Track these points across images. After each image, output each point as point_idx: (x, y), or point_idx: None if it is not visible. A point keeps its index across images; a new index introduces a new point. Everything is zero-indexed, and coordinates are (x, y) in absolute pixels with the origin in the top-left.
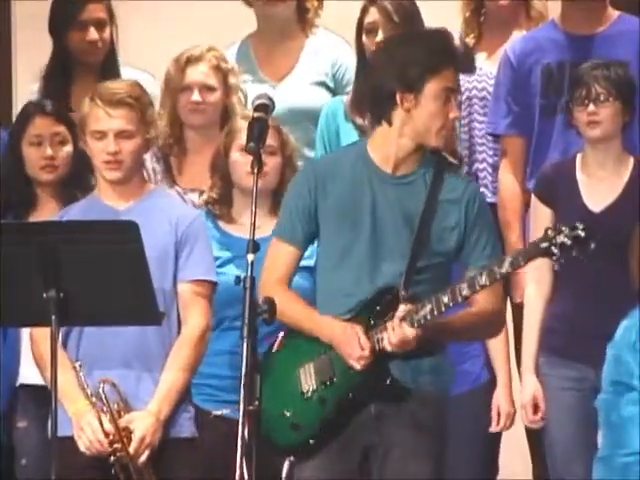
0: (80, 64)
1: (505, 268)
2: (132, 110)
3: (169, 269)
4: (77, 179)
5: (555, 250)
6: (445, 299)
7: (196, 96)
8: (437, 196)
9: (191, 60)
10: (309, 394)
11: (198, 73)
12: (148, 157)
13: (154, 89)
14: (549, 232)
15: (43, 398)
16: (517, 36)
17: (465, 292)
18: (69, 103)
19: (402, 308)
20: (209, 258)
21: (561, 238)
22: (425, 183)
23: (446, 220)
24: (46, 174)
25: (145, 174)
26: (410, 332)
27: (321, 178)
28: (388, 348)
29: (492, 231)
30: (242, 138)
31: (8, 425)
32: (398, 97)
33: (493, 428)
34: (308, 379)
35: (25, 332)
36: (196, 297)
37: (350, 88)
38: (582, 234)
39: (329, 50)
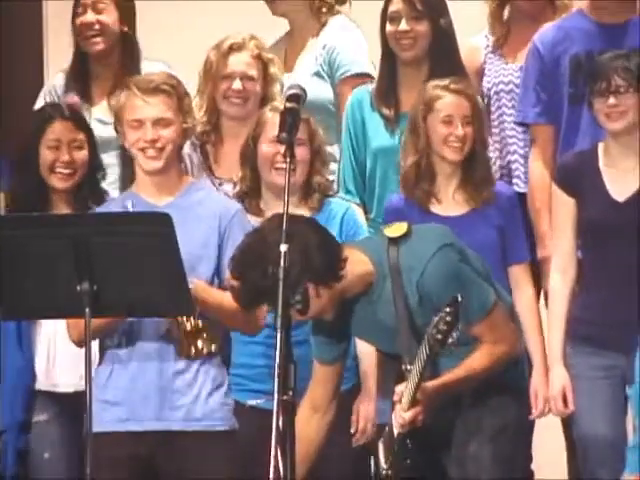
0: (93, 58)
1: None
2: (169, 98)
3: (211, 264)
4: (90, 186)
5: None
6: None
7: (237, 84)
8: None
9: (233, 48)
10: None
11: (240, 62)
12: (185, 145)
13: None
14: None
15: (59, 399)
16: (545, 26)
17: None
18: (90, 98)
19: (396, 390)
20: None
21: (441, 326)
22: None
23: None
24: (62, 181)
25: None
26: (405, 416)
27: None
28: (400, 431)
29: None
30: (270, 131)
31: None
32: None
33: (533, 414)
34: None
35: (39, 337)
36: None
37: (342, 71)
38: (450, 319)
39: (324, 35)
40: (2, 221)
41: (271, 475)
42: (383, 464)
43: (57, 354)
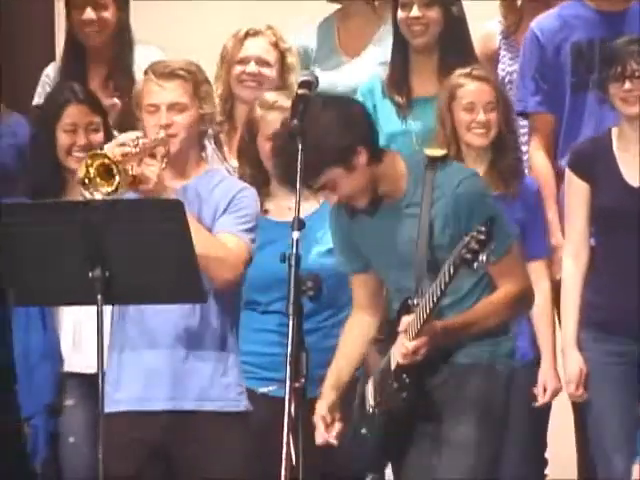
0: (89, 48)
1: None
2: (185, 83)
3: None
4: None
5: (470, 257)
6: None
7: (252, 67)
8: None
9: (250, 34)
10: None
11: (256, 46)
12: None
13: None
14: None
15: (91, 381)
16: (543, 14)
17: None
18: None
19: (403, 321)
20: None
21: (472, 244)
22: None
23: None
24: (77, 163)
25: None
26: (409, 345)
27: None
28: (400, 361)
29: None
30: (265, 128)
31: (54, 412)
32: None
33: (538, 402)
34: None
35: (64, 317)
36: None
37: None
38: (483, 237)
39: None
40: (14, 208)
41: (283, 462)
42: (371, 401)
43: (82, 335)
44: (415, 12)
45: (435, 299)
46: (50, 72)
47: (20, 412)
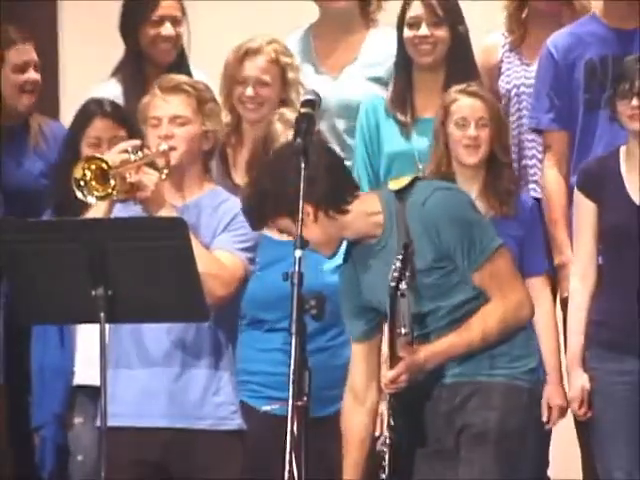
0: (153, 64)
1: None
2: (188, 97)
3: None
4: None
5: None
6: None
7: (249, 92)
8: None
9: (249, 53)
10: None
11: (254, 67)
12: None
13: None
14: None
15: (97, 396)
16: (558, 31)
17: None
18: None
19: (382, 351)
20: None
21: (394, 274)
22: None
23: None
24: None
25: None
26: (387, 375)
27: None
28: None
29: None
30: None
31: (64, 425)
32: None
33: (547, 425)
34: None
35: (79, 333)
36: None
37: None
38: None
39: (389, 45)
40: (18, 225)
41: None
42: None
43: (92, 349)
44: (424, 31)
45: (389, 332)
46: (112, 91)
47: (30, 423)
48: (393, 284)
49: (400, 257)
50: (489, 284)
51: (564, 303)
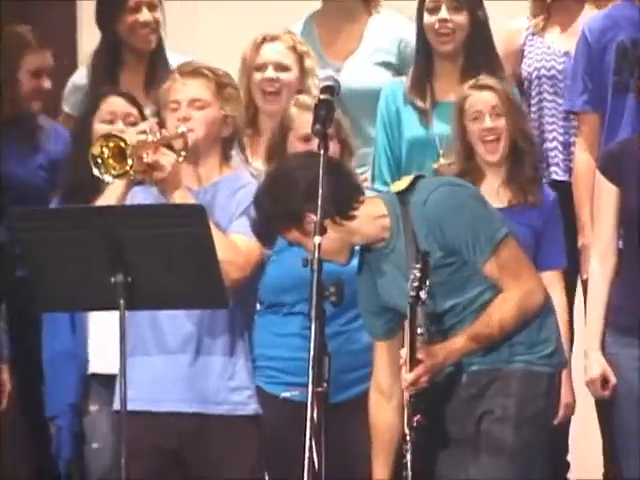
0: (130, 51)
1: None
2: (207, 81)
3: None
4: None
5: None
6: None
7: (270, 72)
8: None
9: (267, 39)
10: None
11: (273, 51)
12: None
13: None
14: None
15: (114, 385)
16: (594, 13)
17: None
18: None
19: (401, 353)
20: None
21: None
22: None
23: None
24: None
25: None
26: (407, 377)
27: None
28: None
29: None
30: (299, 129)
31: (79, 413)
32: None
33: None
34: None
35: (91, 321)
36: None
37: None
38: (419, 274)
39: (394, 29)
40: (36, 213)
41: (305, 467)
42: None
43: (107, 337)
44: (444, 14)
45: (409, 335)
46: (76, 80)
47: (45, 412)
48: (413, 293)
49: (419, 266)
50: (499, 275)
51: (585, 285)
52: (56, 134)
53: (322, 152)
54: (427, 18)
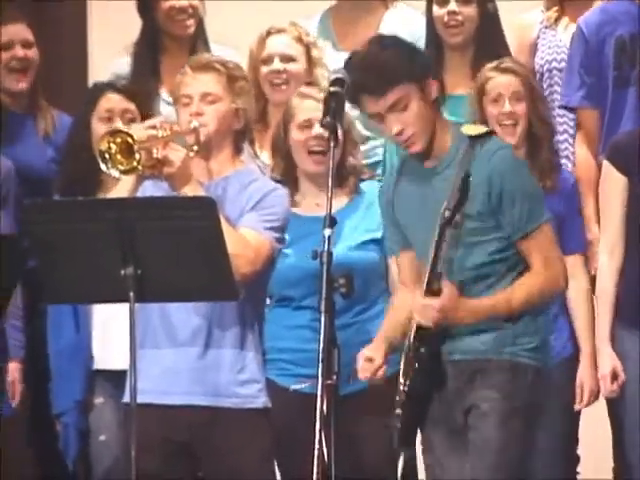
0: (170, 38)
1: None
2: (219, 75)
3: None
4: None
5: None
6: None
7: (277, 64)
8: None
9: (272, 32)
10: None
11: (279, 43)
12: None
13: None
14: None
15: (119, 379)
16: (590, 9)
17: None
18: (159, 79)
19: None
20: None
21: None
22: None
23: None
24: None
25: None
26: (420, 302)
27: None
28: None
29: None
30: (298, 116)
31: (85, 410)
32: None
33: (577, 405)
34: None
35: (95, 317)
36: None
37: None
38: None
39: (408, 23)
40: (47, 205)
41: (315, 459)
42: (402, 381)
43: (111, 332)
44: (453, 6)
45: (431, 259)
46: (116, 70)
47: (52, 409)
48: (447, 213)
49: (458, 188)
50: (532, 253)
51: (593, 280)
52: (60, 123)
53: (332, 145)
54: (436, 10)
